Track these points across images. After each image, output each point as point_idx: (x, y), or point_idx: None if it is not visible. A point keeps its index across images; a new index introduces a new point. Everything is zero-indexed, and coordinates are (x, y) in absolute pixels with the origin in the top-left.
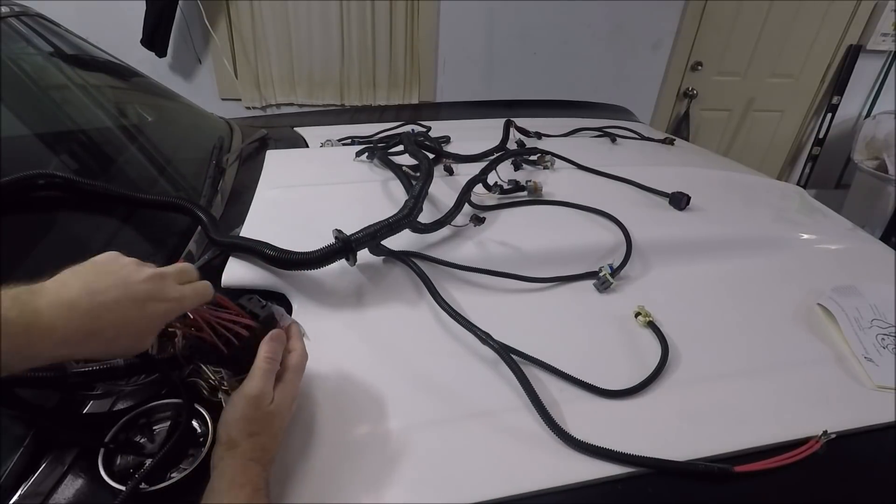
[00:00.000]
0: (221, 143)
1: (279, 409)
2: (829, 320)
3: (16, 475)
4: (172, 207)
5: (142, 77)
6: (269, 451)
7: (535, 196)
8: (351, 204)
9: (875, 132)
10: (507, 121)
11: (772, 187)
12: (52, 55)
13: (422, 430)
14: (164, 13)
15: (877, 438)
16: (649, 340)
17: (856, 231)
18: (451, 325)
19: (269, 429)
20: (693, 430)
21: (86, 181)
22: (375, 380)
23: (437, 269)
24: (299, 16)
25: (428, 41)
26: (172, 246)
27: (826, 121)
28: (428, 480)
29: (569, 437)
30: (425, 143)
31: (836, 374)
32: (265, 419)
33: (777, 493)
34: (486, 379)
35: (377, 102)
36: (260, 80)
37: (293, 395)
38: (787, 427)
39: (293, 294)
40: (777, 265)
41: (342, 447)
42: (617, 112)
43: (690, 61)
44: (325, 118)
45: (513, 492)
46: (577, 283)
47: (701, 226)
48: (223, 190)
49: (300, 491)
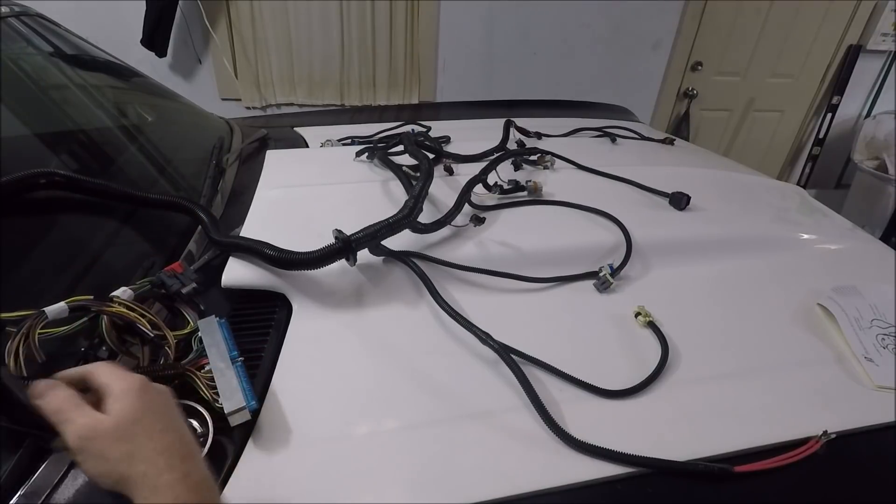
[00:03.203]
0: (221, 143)
1: (122, 416)
2: (829, 320)
3: (16, 475)
4: (173, 207)
5: (142, 77)
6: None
7: (535, 196)
8: (351, 204)
9: (875, 132)
10: (507, 121)
11: (772, 187)
12: (52, 55)
13: (421, 430)
14: (164, 13)
15: (877, 438)
16: (649, 340)
17: (856, 231)
18: (451, 325)
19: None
20: (693, 430)
21: (87, 179)
22: (375, 380)
23: (437, 269)
24: (299, 16)
25: (428, 41)
26: (172, 246)
27: (826, 121)
28: (428, 480)
29: (569, 437)
30: (425, 143)
31: (836, 374)
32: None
33: (777, 493)
34: (486, 379)
35: (377, 102)
36: (260, 80)
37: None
38: (787, 427)
39: (293, 294)
40: (777, 265)
41: (342, 447)
42: (617, 112)
43: (690, 61)
44: (325, 118)
45: (513, 492)
46: (577, 283)
47: (701, 226)
48: (223, 190)
49: (300, 491)
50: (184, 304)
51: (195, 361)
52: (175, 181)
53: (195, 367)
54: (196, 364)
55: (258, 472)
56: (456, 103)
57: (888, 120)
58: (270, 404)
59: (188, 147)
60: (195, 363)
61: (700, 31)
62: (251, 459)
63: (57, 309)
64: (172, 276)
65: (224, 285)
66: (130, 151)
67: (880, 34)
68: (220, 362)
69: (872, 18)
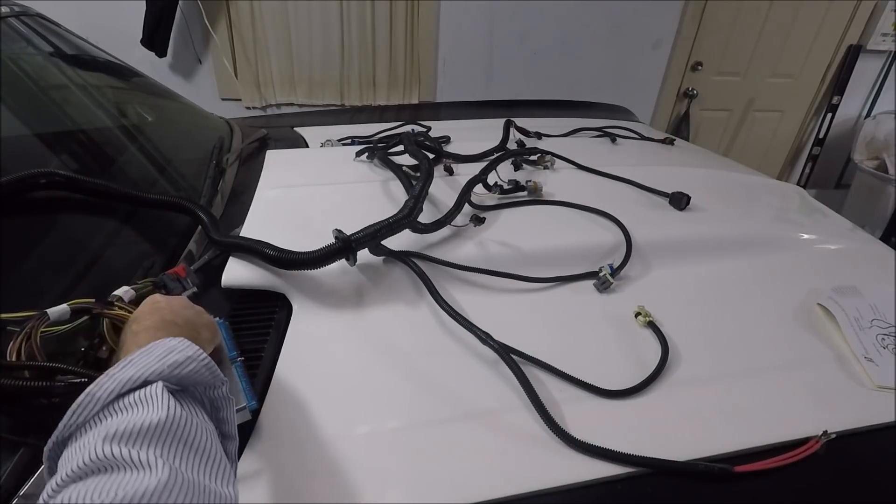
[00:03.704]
0: (221, 143)
1: (176, 303)
2: (829, 320)
3: (16, 475)
4: (173, 207)
5: (142, 77)
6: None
7: (535, 196)
8: (351, 204)
9: (875, 132)
10: (507, 121)
11: (772, 187)
12: (52, 55)
13: (422, 430)
14: (164, 13)
15: (877, 438)
16: (649, 340)
17: (856, 231)
18: (451, 325)
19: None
20: (693, 430)
21: (87, 179)
22: (375, 380)
23: (437, 269)
24: (299, 16)
25: (428, 41)
26: (173, 246)
27: (826, 121)
28: (428, 480)
29: (569, 437)
30: (425, 143)
31: (836, 374)
32: (166, 307)
33: (777, 493)
34: (486, 379)
35: (377, 102)
36: (260, 80)
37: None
38: (787, 427)
39: (293, 294)
40: (777, 265)
41: (342, 447)
42: (617, 112)
43: (690, 61)
44: (325, 118)
45: (513, 492)
46: (577, 283)
47: (701, 226)
48: (223, 190)
49: (300, 491)
50: None
51: None
52: (175, 181)
53: None
54: None
55: (258, 472)
56: (456, 103)
57: (888, 120)
58: (270, 404)
59: (188, 147)
60: None
61: (700, 31)
62: (251, 459)
63: (59, 311)
64: (175, 278)
65: (224, 285)
66: (130, 151)
67: (880, 34)
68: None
69: (872, 18)
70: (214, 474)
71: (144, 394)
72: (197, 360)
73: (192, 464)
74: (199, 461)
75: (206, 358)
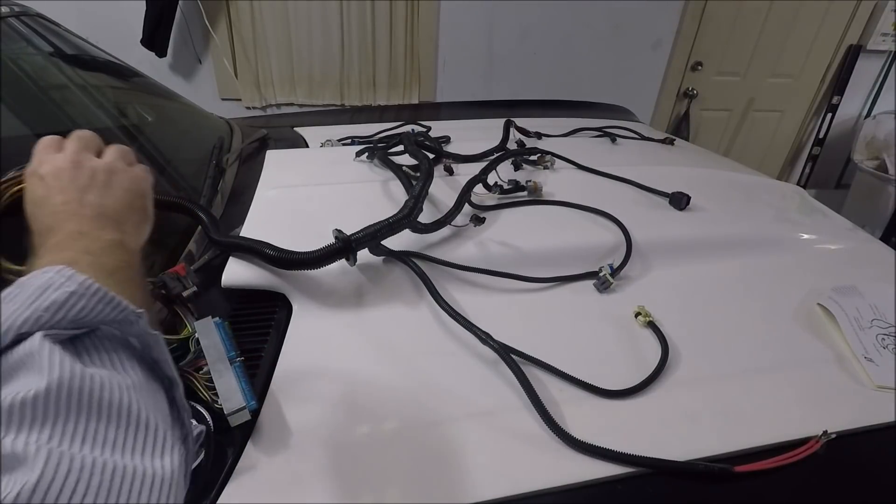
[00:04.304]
0: (221, 143)
1: (113, 166)
2: (829, 320)
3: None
4: (173, 207)
5: (142, 77)
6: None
7: (535, 196)
8: (351, 204)
9: (875, 132)
10: (507, 121)
11: (772, 187)
12: (52, 55)
13: (422, 430)
14: (164, 13)
15: (877, 438)
16: (649, 340)
17: (856, 231)
18: (451, 325)
19: (105, 187)
20: (693, 430)
21: None
22: (375, 380)
23: (437, 269)
24: (299, 16)
25: (428, 41)
26: (172, 246)
27: (826, 121)
28: (428, 480)
29: (569, 437)
30: (425, 143)
31: (836, 374)
32: (93, 175)
33: (777, 493)
34: (486, 379)
35: (377, 102)
36: (260, 80)
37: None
38: (787, 427)
39: (293, 294)
40: (777, 265)
41: (342, 447)
42: (617, 112)
43: (690, 61)
44: (325, 118)
45: (513, 492)
46: (577, 283)
47: (701, 226)
48: (223, 190)
49: (300, 491)
50: (182, 307)
51: (193, 363)
52: (175, 181)
53: (193, 368)
54: (194, 365)
55: (258, 472)
56: (456, 103)
57: (888, 120)
58: (270, 404)
59: (188, 147)
60: (193, 365)
61: (700, 31)
62: (251, 459)
63: None
64: (175, 278)
65: (224, 285)
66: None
67: (880, 34)
68: (218, 363)
69: (872, 18)
70: (136, 445)
71: (18, 354)
72: (86, 295)
73: (99, 437)
74: (111, 431)
75: (98, 290)
